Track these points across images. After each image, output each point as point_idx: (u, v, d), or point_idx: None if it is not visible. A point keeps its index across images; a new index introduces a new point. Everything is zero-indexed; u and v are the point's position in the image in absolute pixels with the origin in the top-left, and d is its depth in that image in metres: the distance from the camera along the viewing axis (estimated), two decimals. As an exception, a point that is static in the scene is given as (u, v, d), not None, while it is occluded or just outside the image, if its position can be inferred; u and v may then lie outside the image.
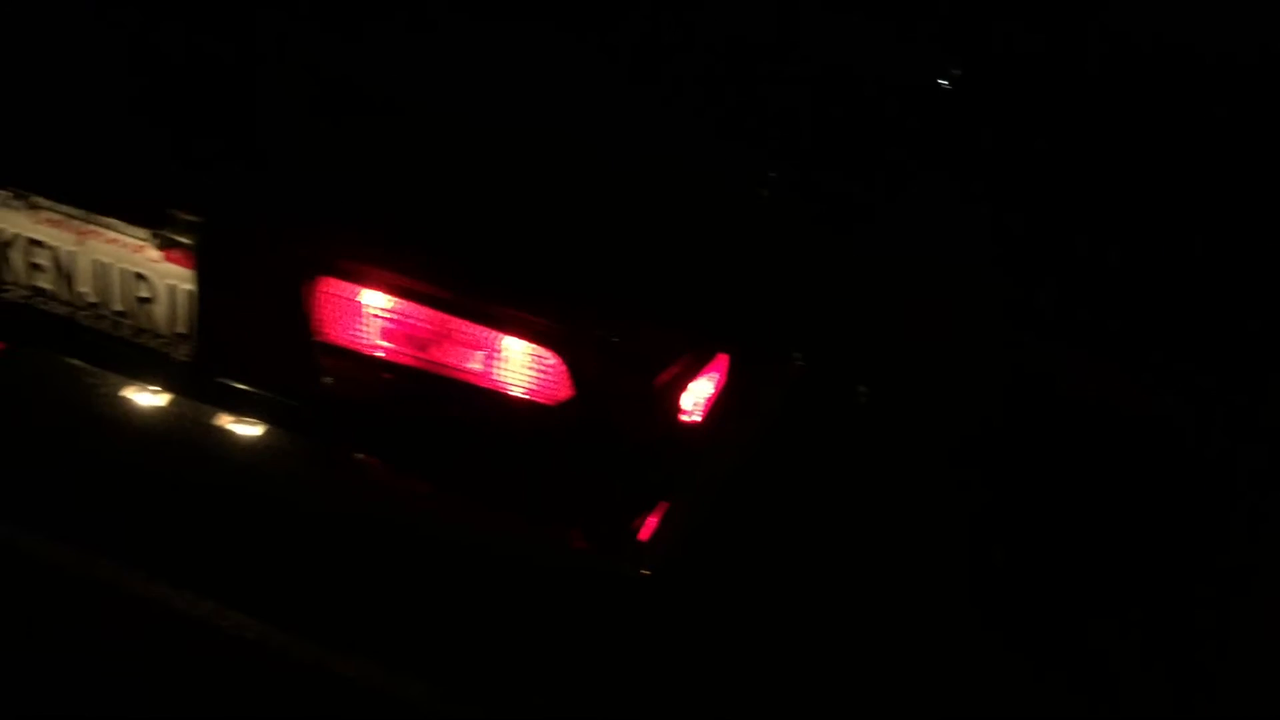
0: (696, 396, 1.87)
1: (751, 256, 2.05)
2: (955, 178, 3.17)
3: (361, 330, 1.79)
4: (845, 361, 2.69)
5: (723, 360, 1.92)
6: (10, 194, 1.89)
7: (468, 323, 1.74)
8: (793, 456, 2.46)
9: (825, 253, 2.32)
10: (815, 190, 2.28)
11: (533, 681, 2.15)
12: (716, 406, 1.93)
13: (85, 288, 1.92)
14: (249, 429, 2.01)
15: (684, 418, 1.85)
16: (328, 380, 1.85)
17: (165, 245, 1.84)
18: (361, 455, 1.95)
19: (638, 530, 1.92)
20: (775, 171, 2.17)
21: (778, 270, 2.12)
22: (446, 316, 1.75)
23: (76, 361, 2.04)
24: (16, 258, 1.93)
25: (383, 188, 1.86)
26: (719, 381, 1.93)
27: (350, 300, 1.78)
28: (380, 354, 1.80)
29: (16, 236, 1.92)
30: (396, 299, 1.76)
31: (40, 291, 1.95)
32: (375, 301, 1.77)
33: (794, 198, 2.21)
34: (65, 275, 1.92)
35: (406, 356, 1.79)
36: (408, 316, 1.76)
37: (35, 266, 1.93)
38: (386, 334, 1.79)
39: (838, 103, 2.52)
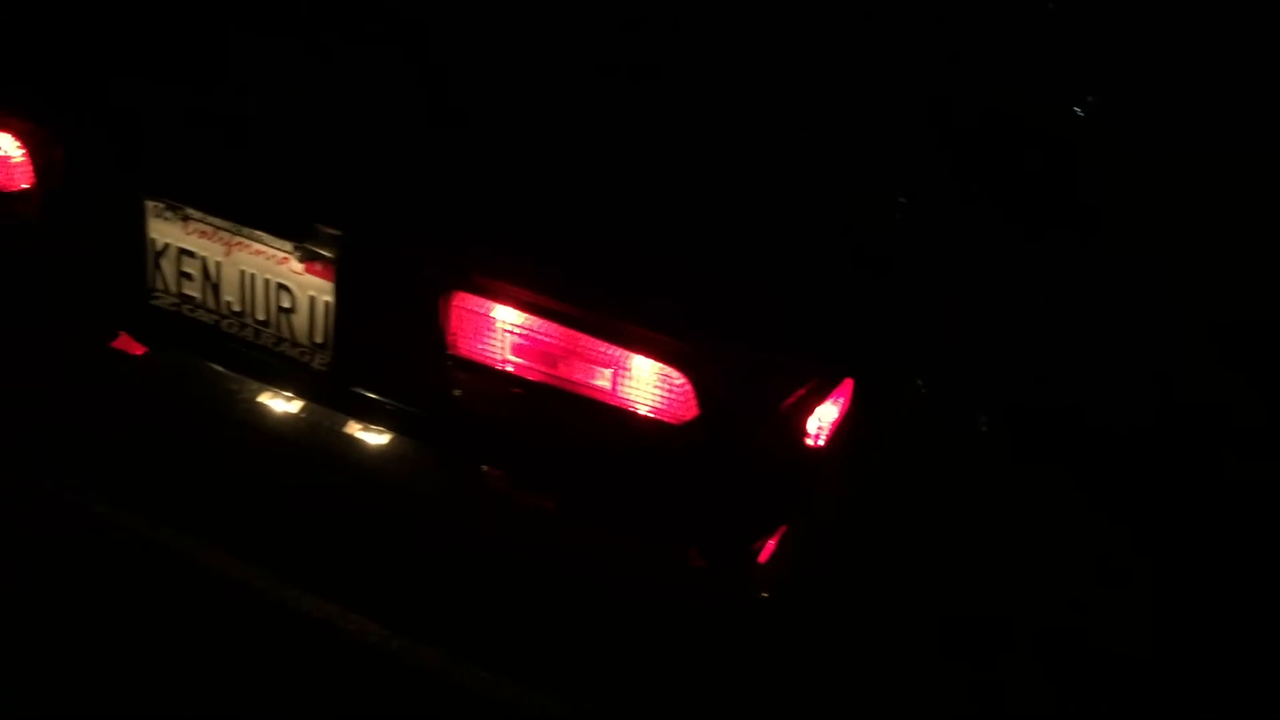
0: (821, 420, 1.86)
1: (881, 280, 2.03)
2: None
3: (492, 345, 1.83)
4: (967, 390, 2.66)
5: (848, 385, 1.91)
6: (164, 205, 1.98)
7: (597, 340, 1.76)
8: (912, 484, 2.44)
9: (956, 280, 2.30)
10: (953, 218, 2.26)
11: (650, 699, 2.15)
12: (840, 431, 1.93)
13: (230, 297, 2.00)
14: (377, 437, 2.07)
15: (808, 441, 1.85)
16: (457, 393, 1.89)
17: (307, 258, 1.91)
18: (487, 467, 1.99)
19: (757, 552, 1.92)
20: (906, 195, 2.16)
21: (906, 295, 2.10)
22: (576, 333, 1.77)
23: (218, 367, 2.13)
24: (168, 267, 2.02)
25: (516, 205, 1.89)
26: (843, 406, 1.92)
27: (482, 315, 1.82)
28: (509, 369, 1.83)
29: (168, 246, 2.01)
30: (527, 315, 1.79)
31: (188, 299, 2.03)
32: (507, 317, 1.81)
33: (927, 222, 2.19)
34: (212, 284, 2.00)
35: (535, 372, 1.82)
36: (538, 333, 1.79)
37: (184, 275, 2.02)
38: (517, 349, 1.82)
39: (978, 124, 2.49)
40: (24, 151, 2.06)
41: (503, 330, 1.81)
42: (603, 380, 1.79)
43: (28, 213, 2.09)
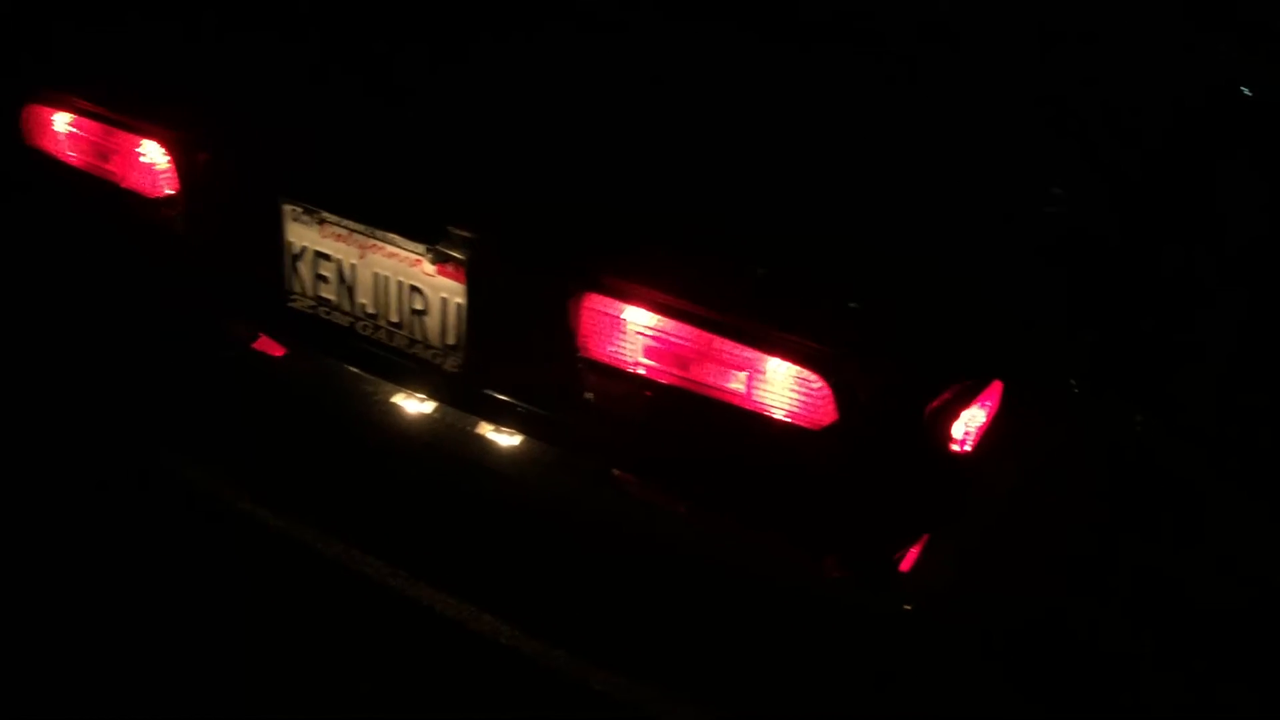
0: (967, 425, 1.77)
1: (1033, 277, 1.92)
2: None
3: (624, 347, 1.79)
4: (1122, 389, 2.52)
5: (996, 388, 1.81)
6: (301, 208, 2.00)
7: (731, 342, 1.71)
8: (1065, 488, 2.32)
9: (1112, 275, 2.16)
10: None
11: (787, 708, 2.09)
12: (988, 436, 1.83)
13: (365, 299, 2.01)
14: (509, 439, 2.05)
15: (953, 447, 1.76)
16: (588, 395, 1.86)
17: (439, 260, 1.90)
18: (619, 471, 1.96)
19: (899, 562, 1.84)
20: (1061, 188, 2.03)
21: (1059, 293, 1.98)
22: (710, 335, 1.72)
23: (353, 368, 2.15)
24: (304, 269, 2.04)
25: (648, 206, 1.85)
26: (991, 410, 1.82)
27: (614, 317, 1.78)
28: (641, 371, 1.79)
29: (305, 249, 2.03)
30: (660, 317, 1.75)
31: (324, 301, 2.05)
32: (638, 319, 1.77)
33: (1082, 216, 2.06)
34: (347, 287, 2.01)
35: (668, 375, 1.77)
36: (670, 335, 1.75)
37: (321, 278, 2.03)
38: (649, 352, 1.78)
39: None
40: (169, 158, 2.11)
41: (634, 332, 1.77)
42: (737, 384, 1.73)
43: (173, 217, 2.14)
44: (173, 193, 2.12)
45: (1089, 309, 2.14)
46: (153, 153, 2.11)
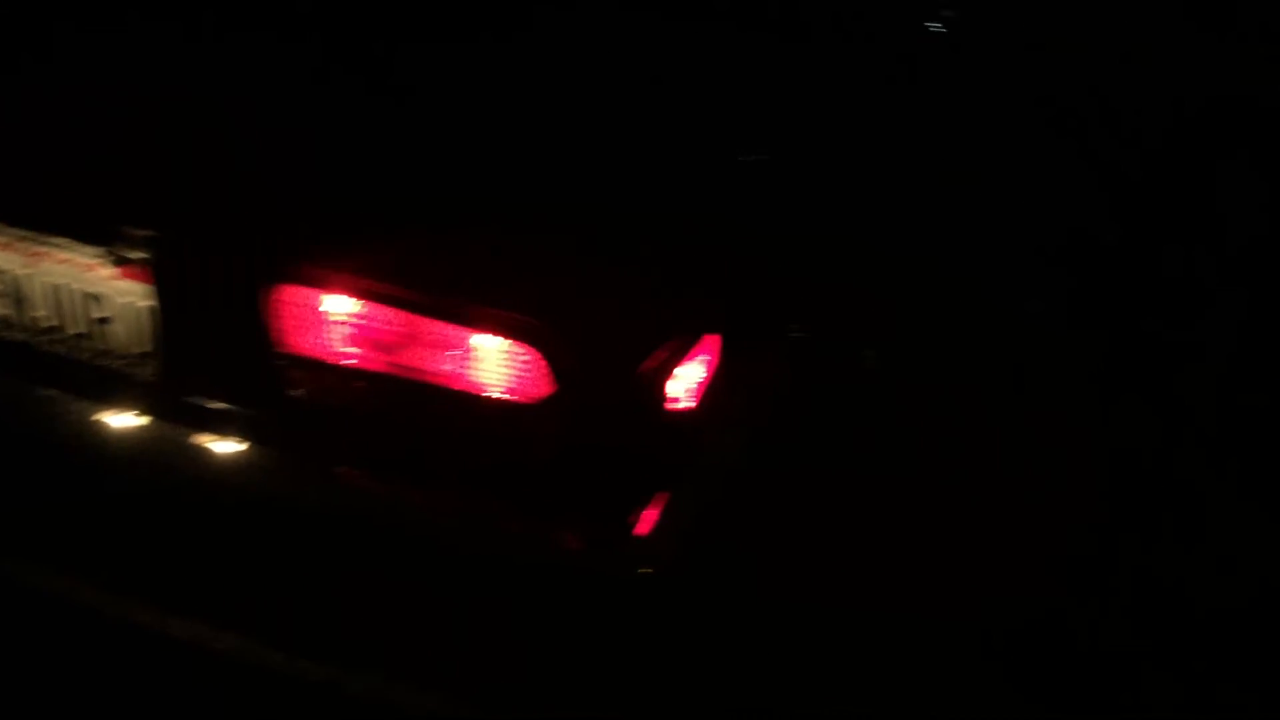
0: (687, 382, 1.77)
1: (736, 228, 1.93)
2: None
3: (325, 338, 1.70)
4: (851, 327, 2.59)
5: (712, 341, 1.81)
6: (-46, 220, 1.80)
7: (435, 322, 1.64)
8: (803, 431, 2.37)
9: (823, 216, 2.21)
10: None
11: (540, 687, 2.06)
12: (711, 390, 1.83)
13: (40, 311, 1.84)
14: (224, 446, 1.92)
15: (674, 405, 1.75)
16: (297, 392, 1.76)
17: (119, 262, 1.75)
18: (340, 468, 1.86)
19: (633, 525, 1.82)
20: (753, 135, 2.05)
21: (767, 240, 2.01)
22: (412, 317, 1.65)
23: (43, 388, 1.96)
24: (-34, 285, 1.85)
25: (333, 190, 1.76)
26: (711, 364, 1.82)
27: (311, 307, 1.68)
28: (348, 362, 1.71)
29: (-36, 263, 1.83)
30: (360, 302, 1.66)
31: (-6, 318, 1.87)
32: (337, 307, 1.67)
33: (778, 163, 2.08)
34: (18, 299, 1.84)
35: (375, 362, 1.69)
36: (372, 320, 1.67)
37: (-14, 293, 1.85)
38: (352, 340, 1.69)
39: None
40: None
41: (334, 321, 1.68)
42: (448, 364, 1.67)
43: None
44: None
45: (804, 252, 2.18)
46: None
